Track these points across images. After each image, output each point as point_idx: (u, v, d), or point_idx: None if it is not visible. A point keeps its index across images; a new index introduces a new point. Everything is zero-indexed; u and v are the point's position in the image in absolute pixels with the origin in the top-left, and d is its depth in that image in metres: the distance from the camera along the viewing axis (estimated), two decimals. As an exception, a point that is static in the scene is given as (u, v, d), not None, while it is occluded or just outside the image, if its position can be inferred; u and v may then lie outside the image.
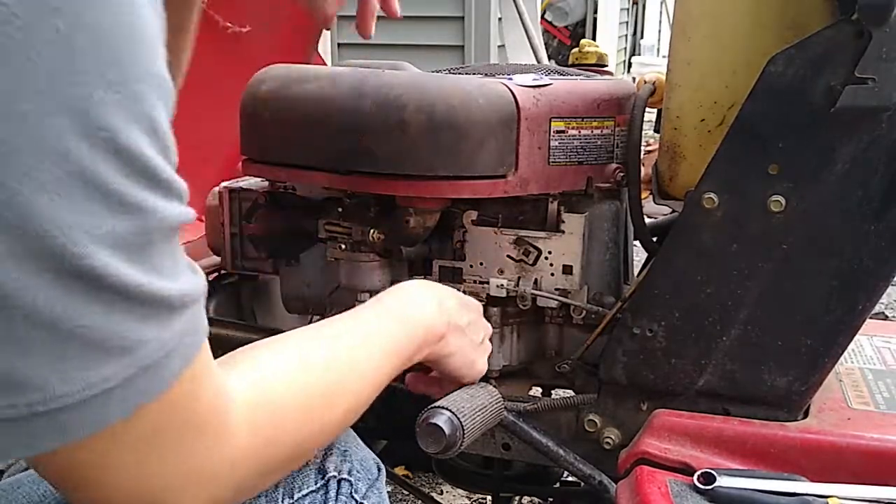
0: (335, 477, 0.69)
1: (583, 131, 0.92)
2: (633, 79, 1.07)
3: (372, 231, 0.95)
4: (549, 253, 0.94)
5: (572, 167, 0.92)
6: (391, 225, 0.95)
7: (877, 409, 0.86)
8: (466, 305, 0.83)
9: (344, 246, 0.98)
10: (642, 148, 0.94)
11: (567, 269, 0.94)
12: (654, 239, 0.96)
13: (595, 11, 6.89)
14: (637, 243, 1.01)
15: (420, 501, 1.56)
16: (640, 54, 7.78)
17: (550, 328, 1.00)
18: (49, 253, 0.37)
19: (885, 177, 0.75)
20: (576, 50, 1.17)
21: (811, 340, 0.81)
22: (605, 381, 0.91)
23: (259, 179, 1.10)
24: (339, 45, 3.40)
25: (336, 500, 0.68)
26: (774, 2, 0.81)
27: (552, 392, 1.15)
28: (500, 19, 3.56)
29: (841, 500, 0.72)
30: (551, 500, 1.36)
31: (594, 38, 6.11)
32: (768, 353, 0.83)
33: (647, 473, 0.79)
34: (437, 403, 0.79)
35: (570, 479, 1.06)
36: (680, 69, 0.87)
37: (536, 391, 1.11)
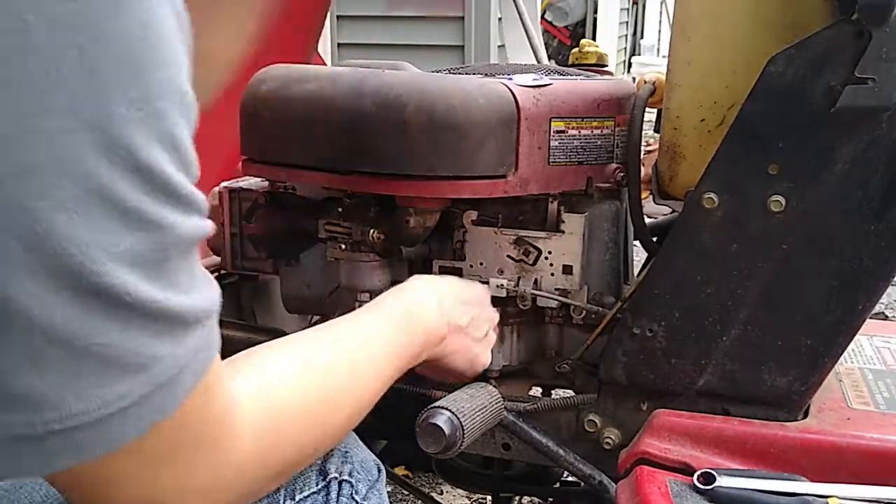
0: (336, 478, 0.70)
1: (583, 131, 0.92)
2: (633, 79, 1.07)
3: (372, 231, 0.95)
4: (549, 253, 0.94)
5: (572, 167, 0.92)
6: (391, 225, 0.95)
7: (877, 409, 0.86)
8: (468, 302, 0.83)
9: (344, 246, 0.98)
10: (642, 148, 0.94)
11: (567, 269, 0.94)
12: (654, 239, 0.96)
13: (595, 11, 6.89)
14: (637, 243, 1.01)
15: (420, 501, 1.56)
16: (640, 54, 7.78)
17: (550, 328, 1.00)
18: (67, 271, 0.37)
19: (885, 177, 0.75)
20: (576, 50, 1.17)
21: (811, 340, 0.81)
22: (605, 381, 0.91)
23: (259, 179, 1.10)
24: (339, 45, 3.39)
25: (337, 501, 0.69)
26: (774, 2, 0.81)
27: (552, 392, 1.15)
28: (500, 19, 3.55)
29: (841, 500, 0.72)
30: (551, 500, 1.36)
31: (594, 38, 6.11)
32: (768, 353, 0.83)
33: (647, 473, 0.79)
34: (437, 403, 0.79)
35: (570, 479, 1.06)
36: (680, 69, 0.87)
37: (536, 391, 1.11)
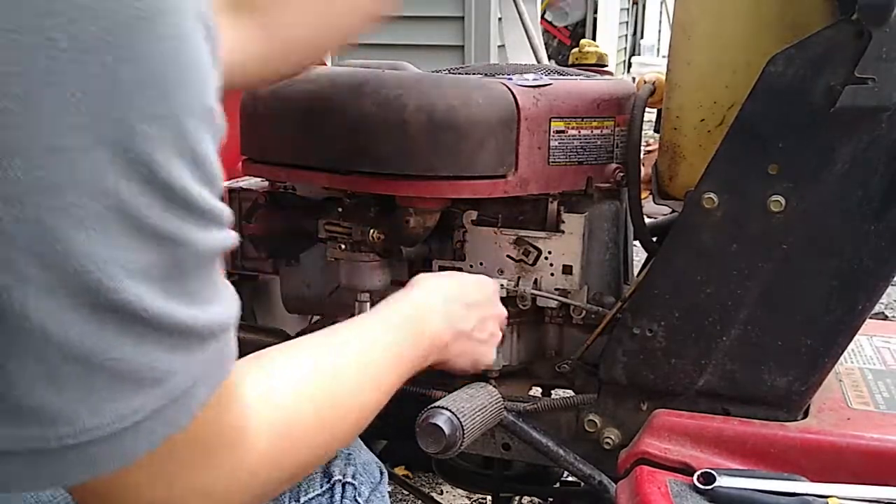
0: (340, 480, 0.70)
1: (583, 131, 0.92)
2: (633, 79, 1.07)
3: (372, 231, 0.95)
4: (549, 253, 0.94)
5: (572, 167, 0.92)
6: (391, 225, 0.95)
7: (877, 409, 0.86)
8: (473, 305, 0.83)
9: (344, 246, 0.98)
10: (642, 148, 0.94)
11: (567, 269, 0.94)
12: (654, 239, 0.96)
13: (595, 11, 6.88)
14: (637, 243, 1.01)
15: (420, 501, 1.56)
16: (640, 54, 7.78)
17: (550, 328, 1.00)
18: (84, 288, 0.37)
19: (885, 177, 0.75)
20: (576, 50, 1.17)
21: (811, 340, 0.81)
22: (605, 381, 0.91)
23: (259, 179, 1.10)
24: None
25: (341, 503, 0.69)
26: (774, 2, 0.81)
27: (552, 392, 1.15)
28: (500, 19, 3.55)
29: (841, 500, 0.72)
30: (551, 500, 1.36)
31: (594, 38, 6.11)
32: (768, 353, 0.83)
33: (647, 473, 0.79)
34: (437, 403, 0.79)
35: (570, 479, 1.06)
36: (680, 69, 0.87)
37: (536, 391, 1.11)
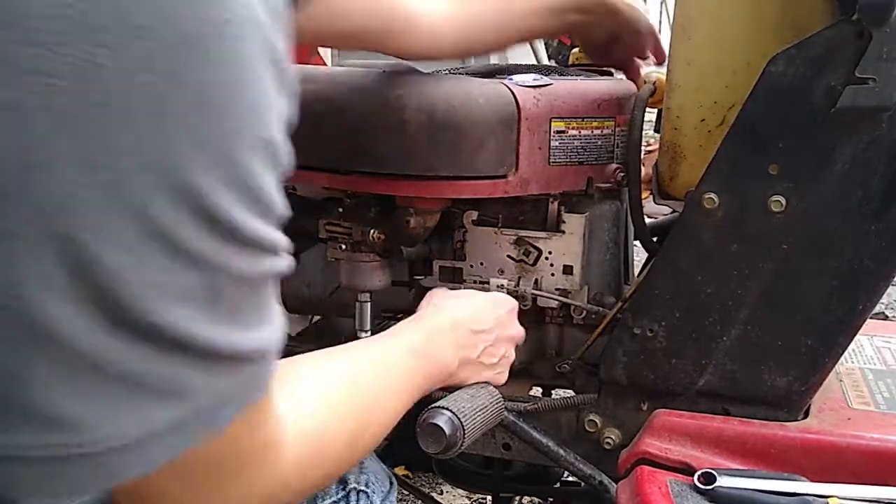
0: (355, 488, 0.72)
1: (583, 131, 0.92)
2: (634, 79, 1.07)
3: (372, 231, 0.95)
4: (550, 253, 0.94)
5: (572, 167, 0.92)
6: (391, 225, 0.95)
7: (877, 409, 0.86)
8: (482, 332, 0.84)
9: (344, 246, 0.98)
10: (642, 148, 0.94)
11: (567, 269, 0.94)
12: (654, 239, 0.96)
13: (595, 11, 6.87)
14: (637, 243, 1.01)
15: (420, 501, 1.56)
16: (639, 54, 7.76)
17: (550, 328, 1.00)
18: (116, 306, 0.37)
19: (885, 177, 0.75)
20: (576, 50, 1.17)
21: (811, 340, 0.81)
22: (606, 381, 0.91)
23: (259, 179, 1.10)
24: (338, 45, 3.38)
25: None
26: (774, 2, 0.81)
27: (552, 392, 1.15)
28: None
29: (841, 500, 0.72)
30: (551, 500, 1.36)
31: (594, 38, 6.08)
32: (768, 353, 0.83)
33: (648, 473, 0.79)
34: (437, 403, 0.79)
35: (571, 479, 1.06)
36: (680, 69, 0.87)
37: (537, 391, 1.11)
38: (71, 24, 0.32)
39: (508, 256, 0.95)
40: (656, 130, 1.01)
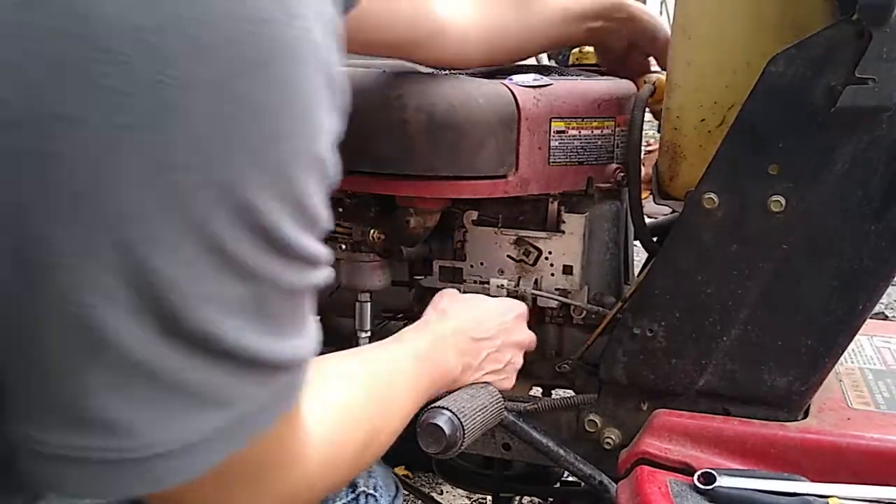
0: (364, 491, 0.73)
1: (583, 131, 0.92)
2: (634, 79, 1.07)
3: (372, 231, 0.95)
4: (550, 253, 0.94)
5: (572, 167, 0.92)
6: (391, 225, 0.95)
7: (877, 409, 0.86)
8: (485, 339, 0.84)
9: (344, 246, 0.98)
10: (642, 148, 0.94)
11: (567, 269, 0.94)
12: (654, 239, 0.96)
13: (595, 11, 6.87)
14: (637, 243, 1.01)
15: (420, 501, 1.56)
16: (639, 54, 7.76)
17: (550, 328, 1.00)
18: (172, 316, 0.38)
19: (885, 177, 0.75)
20: (576, 50, 1.17)
21: (811, 340, 0.81)
22: (606, 381, 0.91)
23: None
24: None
25: None
26: (774, 2, 0.81)
27: (552, 392, 1.15)
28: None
29: (841, 500, 0.72)
30: (551, 500, 1.36)
31: (594, 38, 6.08)
32: (768, 353, 0.83)
33: (648, 473, 0.79)
34: (437, 403, 0.79)
35: (571, 479, 1.06)
36: (680, 69, 0.87)
37: (536, 391, 1.11)
38: (141, 45, 0.33)
39: (508, 256, 0.95)
40: (657, 130, 1.01)
